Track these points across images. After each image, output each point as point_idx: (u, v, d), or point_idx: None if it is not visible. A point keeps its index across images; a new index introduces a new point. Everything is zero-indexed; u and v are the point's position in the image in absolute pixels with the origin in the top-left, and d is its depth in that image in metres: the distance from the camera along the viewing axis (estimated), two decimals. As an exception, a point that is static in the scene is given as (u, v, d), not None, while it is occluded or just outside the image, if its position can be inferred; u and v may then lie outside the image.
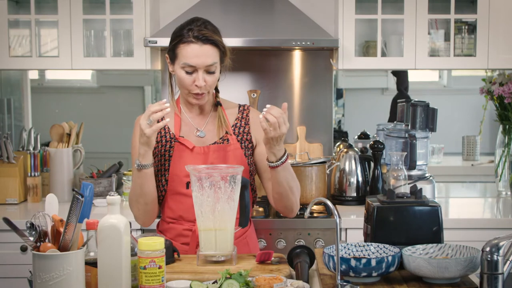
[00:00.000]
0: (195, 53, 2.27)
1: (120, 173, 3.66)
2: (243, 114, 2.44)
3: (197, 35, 2.28)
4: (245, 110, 2.46)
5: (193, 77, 2.29)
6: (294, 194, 2.33)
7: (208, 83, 2.30)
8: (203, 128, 2.40)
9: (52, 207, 1.82)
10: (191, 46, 2.28)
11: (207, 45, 2.28)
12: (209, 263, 2.09)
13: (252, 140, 2.42)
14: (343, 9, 3.35)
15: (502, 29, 3.37)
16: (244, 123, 2.43)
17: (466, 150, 5.11)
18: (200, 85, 2.28)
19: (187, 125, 2.41)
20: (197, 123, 2.41)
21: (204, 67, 2.28)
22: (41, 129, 3.81)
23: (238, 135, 2.40)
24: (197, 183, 2.07)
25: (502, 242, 1.69)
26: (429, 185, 3.33)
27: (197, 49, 2.27)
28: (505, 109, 3.57)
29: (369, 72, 5.64)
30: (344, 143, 3.69)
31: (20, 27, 3.60)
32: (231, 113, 2.44)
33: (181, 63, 2.29)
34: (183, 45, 2.29)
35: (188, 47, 2.28)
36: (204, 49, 2.28)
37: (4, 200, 3.44)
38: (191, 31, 2.28)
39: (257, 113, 2.43)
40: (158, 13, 3.61)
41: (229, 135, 2.38)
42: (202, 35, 2.28)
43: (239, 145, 2.38)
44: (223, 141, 2.37)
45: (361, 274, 1.88)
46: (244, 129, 2.42)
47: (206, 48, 2.28)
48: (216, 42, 2.30)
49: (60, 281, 1.65)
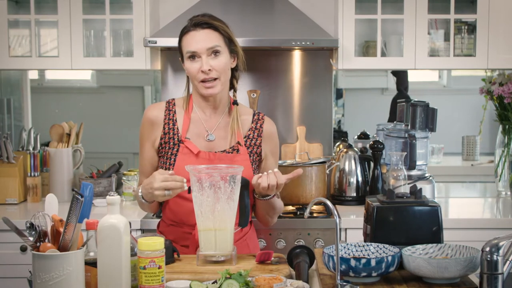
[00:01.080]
0: (195, 39, 2.28)
1: (120, 173, 3.66)
2: (257, 125, 2.41)
3: (195, 22, 2.30)
4: (259, 120, 2.42)
5: (199, 64, 2.28)
6: (272, 218, 2.44)
7: (215, 68, 2.28)
8: (213, 130, 2.37)
9: (52, 207, 1.82)
10: (191, 34, 2.30)
11: (206, 30, 2.30)
12: (209, 263, 2.09)
13: (261, 153, 2.41)
14: (343, 9, 3.35)
15: (502, 29, 3.37)
16: (257, 134, 2.40)
17: (466, 150, 5.11)
18: (205, 69, 2.27)
19: (198, 126, 2.37)
20: (208, 125, 2.37)
21: (205, 51, 2.27)
22: (41, 129, 3.81)
23: (249, 147, 2.37)
24: (197, 183, 2.06)
25: (502, 242, 1.69)
26: (429, 185, 3.33)
27: (196, 34, 2.29)
28: (505, 109, 3.57)
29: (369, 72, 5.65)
30: (344, 143, 3.69)
31: (20, 27, 3.60)
32: (245, 120, 2.41)
33: (185, 53, 2.30)
34: (184, 36, 2.32)
35: (189, 35, 2.30)
36: (203, 34, 2.29)
37: (4, 200, 3.44)
38: (191, 21, 2.32)
39: (271, 125, 2.44)
40: (158, 13, 3.61)
41: (240, 145, 2.35)
42: (200, 21, 2.30)
43: (248, 157, 2.35)
44: (232, 151, 2.35)
45: (361, 274, 1.88)
46: (256, 141, 2.39)
47: (205, 32, 2.29)
48: (215, 26, 2.31)
49: (60, 281, 1.65)
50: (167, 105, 2.39)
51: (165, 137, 2.35)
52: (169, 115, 2.37)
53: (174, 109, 2.38)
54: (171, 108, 2.38)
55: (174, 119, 2.36)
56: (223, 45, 2.30)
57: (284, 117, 3.68)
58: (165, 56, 3.64)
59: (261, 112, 2.46)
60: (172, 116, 2.37)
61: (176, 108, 2.39)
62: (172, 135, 2.35)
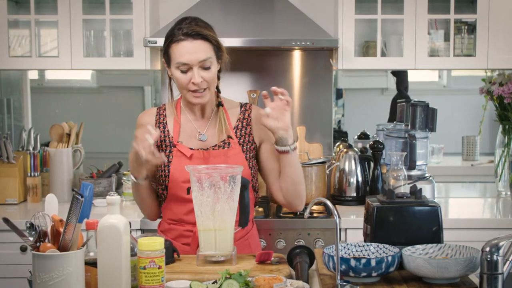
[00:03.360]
0: (187, 50, 2.23)
1: (120, 173, 3.66)
2: (244, 114, 2.41)
3: (186, 32, 2.24)
4: (246, 110, 2.42)
5: (189, 76, 2.25)
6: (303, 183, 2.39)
7: (206, 79, 2.26)
8: (205, 131, 2.37)
9: (51, 207, 1.82)
10: (182, 44, 2.24)
11: (198, 40, 2.24)
12: (208, 263, 2.09)
13: (254, 140, 2.39)
14: (343, 9, 3.35)
15: (501, 29, 3.37)
16: (245, 123, 2.39)
17: (465, 150, 5.11)
18: (196, 82, 2.24)
19: (188, 128, 2.37)
20: (199, 126, 2.38)
21: (198, 63, 2.24)
22: (40, 129, 3.81)
23: (240, 137, 2.37)
24: (197, 183, 2.06)
25: (502, 242, 1.69)
26: (429, 185, 3.33)
27: (188, 45, 2.23)
28: (505, 109, 3.57)
29: (369, 72, 5.64)
30: (344, 143, 3.69)
31: (19, 27, 3.60)
32: (233, 113, 2.41)
33: (175, 63, 2.26)
34: (174, 44, 2.26)
35: (179, 45, 2.24)
36: (195, 45, 2.24)
37: (4, 200, 3.44)
38: (181, 30, 2.25)
39: (258, 110, 2.39)
40: (157, 13, 3.61)
41: (231, 138, 2.35)
42: (191, 31, 2.24)
43: (240, 149, 2.35)
44: (224, 144, 2.34)
45: (361, 274, 1.88)
46: (246, 130, 2.39)
47: (197, 43, 2.24)
48: (207, 36, 2.26)
49: (60, 281, 1.64)
50: (158, 111, 2.41)
51: (157, 140, 2.33)
52: (159, 119, 2.39)
53: (165, 113, 2.40)
54: (161, 113, 2.40)
55: (165, 122, 2.38)
56: (213, 55, 2.27)
57: (284, 117, 3.67)
58: (165, 56, 3.63)
59: (248, 103, 2.45)
60: (163, 120, 2.38)
61: (166, 112, 2.40)
62: (164, 137, 2.35)
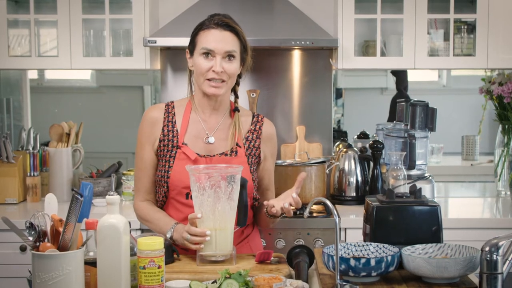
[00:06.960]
0: (215, 38, 2.25)
1: (120, 173, 3.66)
2: (256, 126, 2.39)
3: (217, 22, 2.27)
4: (258, 122, 2.40)
5: (211, 63, 2.25)
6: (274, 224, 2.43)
7: (226, 71, 2.26)
8: (213, 133, 2.34)
9: (51, 206, 1.82)
10: (211, 31, 2.26)
11: (228, 32, 2.27)
12: (208, 263, 2.09)
13: (260, 155, 2.38)
14: (343, 9, 3.35)
15: (501, 29, 3.37)
16: (256, 136, 2.38)
17: (465, 150, 5.11)
18: (217, 70, 2.24)
19: (197, 127, 2.34)
20: (207, 128, 2.35)
21: (223, 52, 2.24)
22: (40, 129, 3.81)
23: (248, 149, 2.35)
24: (197, 183, 2.06)
25: (502, 241, 1.69)
26: (428, 185, 3.33)
27: (217, 34, 2.25)
28: (505, 109, 3.57)
29: (368, 72, 5.65)
30: (344, 143, 3.69)
31: (19, 27, 3.60)
32: (245, 122, 2.39)
33: (201, 48, 2.26)
34: (203, 31, 2.27)
35: (208, 33, 2.26)
36: (224, 35, 2.26)
37: (4, 200, 3.44)
38: (213, 20, 2.28)
39: (270, 126, 2.42)
40: (157, 13, 3.61)
41: (239, 147, 2.33)
42: (223, 22, 2.27)
43: (246, 159, 2.33)
44: (231, 153, 2.32)
45: (361, 273, 1.88)
46: (255, 143, 2.37)
47: (226, 34, 2.26)
48: (237, 30, 2.28)
49: (60, 281, 1.65)
50: (166, 107, 2.38)
51: (164, 140, 2.32)
52: (168, 117, 2.35)
53: (174, 111, 2.36)
54: (170, 111, 2.36)
55: (174, 121, 2.34)
56: (238, 51, 2.29)
57: (284, 116, 3.68)
58: (164, 56, 3.64)
59: (261, 114, 2.45)
60: (172, 118, 2.35)
61: (175, 109, 2.37)
62: (171, 137, 2.32)
